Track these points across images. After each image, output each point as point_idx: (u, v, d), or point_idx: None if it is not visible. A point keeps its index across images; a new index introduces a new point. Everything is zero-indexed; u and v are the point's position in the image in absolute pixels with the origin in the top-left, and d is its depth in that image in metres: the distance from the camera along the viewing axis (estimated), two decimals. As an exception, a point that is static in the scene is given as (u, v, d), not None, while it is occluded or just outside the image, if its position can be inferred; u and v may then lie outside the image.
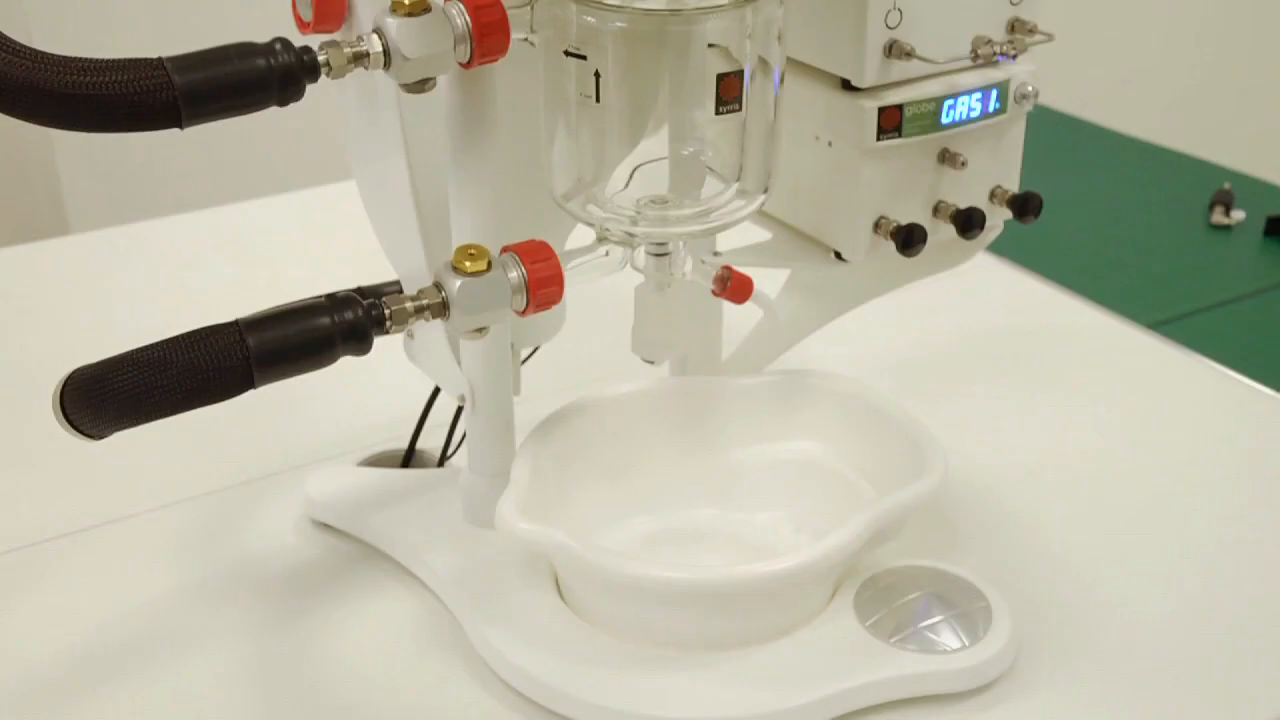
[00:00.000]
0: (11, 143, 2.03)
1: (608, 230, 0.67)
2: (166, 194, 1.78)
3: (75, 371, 0.58)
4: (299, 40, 0.60)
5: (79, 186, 2.08)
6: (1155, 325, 1.07)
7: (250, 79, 0.56)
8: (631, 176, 0.66)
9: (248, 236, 1.20)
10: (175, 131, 0.57)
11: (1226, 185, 1.73)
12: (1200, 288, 1.52)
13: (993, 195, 0.74)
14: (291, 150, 1.79)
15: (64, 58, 0.53)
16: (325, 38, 0.60)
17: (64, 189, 2.07)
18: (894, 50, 0.67)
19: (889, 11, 0.66)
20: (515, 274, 0.61)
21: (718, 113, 0.63)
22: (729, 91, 0.63)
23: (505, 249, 0.62)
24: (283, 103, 0.57)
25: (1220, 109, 2.46)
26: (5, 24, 0.57)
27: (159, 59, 0.54)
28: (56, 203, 2.07)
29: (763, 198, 0.68)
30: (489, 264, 0.61)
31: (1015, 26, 0.71)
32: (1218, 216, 1.70)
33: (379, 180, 0.73)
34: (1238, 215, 1.70)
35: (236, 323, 0.58)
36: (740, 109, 0.64)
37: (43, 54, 0.53)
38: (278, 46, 0.57)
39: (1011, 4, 0.70)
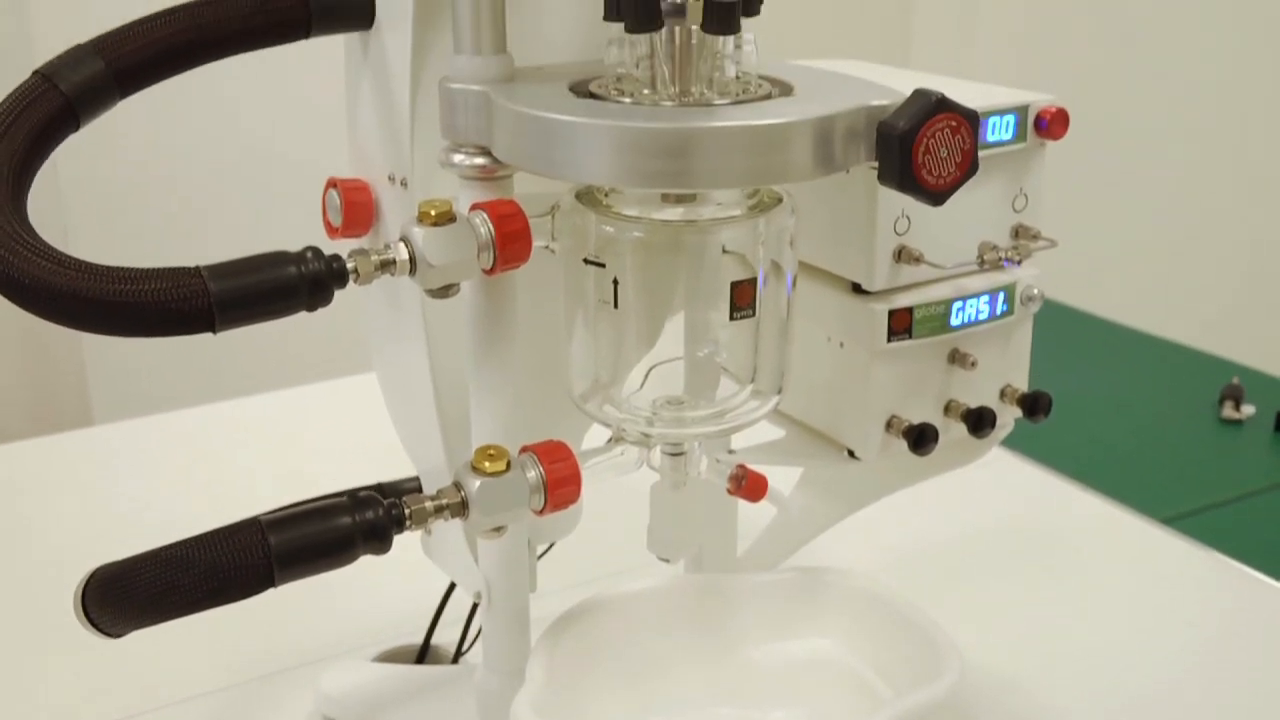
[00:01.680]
0: (38, 335, 2.06)
1: (624, 430, 0.68)
2: (189, 385, 1.80)
3: (98, 570, 0.58)
4: (328, 245, 0.61)
5: (104, 378, 2.11)
6: (1168, 520, 1.07)
7: (282, 286, 0.57)
8: (647, 377, 0.67)
9: (270, 428, 1.21)
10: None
11: (1236, 380, 1.74)
12: (1212, 483, 1.52)
13: (1003, 394, 0.75)
14: (314, 343, 1.82)
15: (105, 267, 0.55)
16: (353, 243, 0.62)
17: (89, 380, 2.10)
18: (903, 256, 0.69)
19: (897, 219, 0.68)
20: (534, 474, 0.62)
21: (732, 318, 0.64)
22: (743, 299, 0.64)
23: (524, 449, 0.63)
24: (311, 308, 0.58)
25: (1228, 303, 2.48)
26: (45, 229, 0.58)
27: (196, 267, 0.56)
28: (81, 394, 2.10)
29: (777, 398, 0.68)
30: (508, 464, 0.61)
31: (1019, 232, 0.72)
32: (1228, 411, 1.70)
33: (401, 376, 0.74)
34: (1248, 410, 1.70)
35: (258, 521, 0.59)
36: (754, 314, 0.65)
37: (85, 264, 0.55)
38: (309, 255, 0.58)
39: (1015, 211, 0.72)
